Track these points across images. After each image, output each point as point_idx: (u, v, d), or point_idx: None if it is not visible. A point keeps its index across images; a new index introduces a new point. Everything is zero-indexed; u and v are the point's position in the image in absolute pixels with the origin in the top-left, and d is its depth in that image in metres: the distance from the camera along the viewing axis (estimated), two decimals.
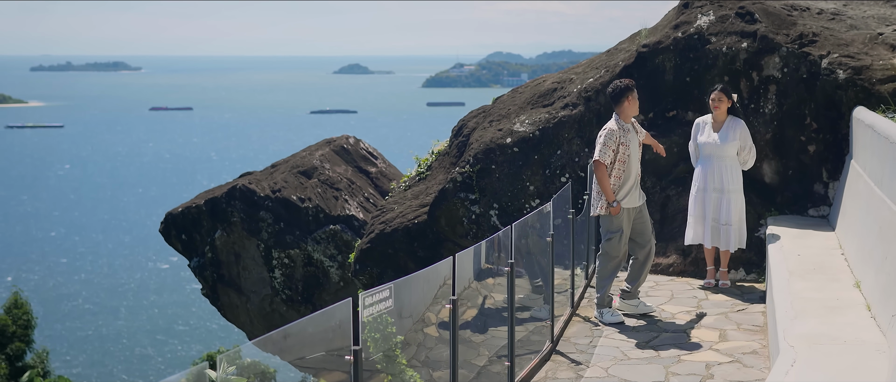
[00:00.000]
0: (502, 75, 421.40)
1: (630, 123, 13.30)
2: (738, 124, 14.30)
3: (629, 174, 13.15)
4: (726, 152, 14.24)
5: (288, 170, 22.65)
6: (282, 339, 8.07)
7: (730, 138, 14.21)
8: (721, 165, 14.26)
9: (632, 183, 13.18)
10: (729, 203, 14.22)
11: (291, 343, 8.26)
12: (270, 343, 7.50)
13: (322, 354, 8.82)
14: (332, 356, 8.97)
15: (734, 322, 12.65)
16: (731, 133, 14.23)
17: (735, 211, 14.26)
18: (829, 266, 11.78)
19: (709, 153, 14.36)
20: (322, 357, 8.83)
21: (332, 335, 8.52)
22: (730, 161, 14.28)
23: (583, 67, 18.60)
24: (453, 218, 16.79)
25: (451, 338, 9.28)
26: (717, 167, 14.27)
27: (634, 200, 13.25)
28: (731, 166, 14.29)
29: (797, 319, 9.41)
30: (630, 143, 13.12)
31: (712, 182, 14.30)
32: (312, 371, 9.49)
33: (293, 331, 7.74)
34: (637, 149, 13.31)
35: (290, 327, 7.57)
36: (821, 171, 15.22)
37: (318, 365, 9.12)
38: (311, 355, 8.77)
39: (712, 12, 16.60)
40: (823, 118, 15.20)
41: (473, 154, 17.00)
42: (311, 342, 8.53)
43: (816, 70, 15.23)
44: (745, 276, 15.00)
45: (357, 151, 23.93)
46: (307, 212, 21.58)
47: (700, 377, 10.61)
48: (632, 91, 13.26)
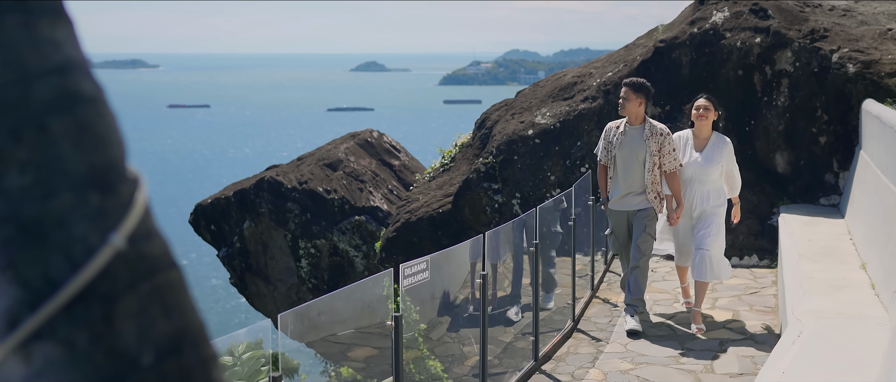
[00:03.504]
0: (519, 73, 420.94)
1: (640, 125, 12.27)
2: (724, 144, 12.24)
3: (615, 176, 12.38)
4: (710, 176, 12.18)
5: (314, 163, 23.23)
6: (316, 316, 8.67)
7: (715, 160, 12.15)
8: (703, 191, 12.21)
9: (618, 186, 12.33)
10: (706, 227, 12.09)
11: (325, 320, 8.85)
12: (305, 317, 8.07)
13: (352, 331, 9.42)
14: (362, 333, 9.58)
15: (747, 304, 13.27)
16: (716, 154, 12.19)
17: (712, 236, 12.07)
18: (838, 250, 12.36)
19: (689, 176, 12.24)
20: (352, 334, 9.43)
21: (365, 310, 9.13)
22: (713, 186, 12.23)
23: (602, 62, 19.24)
24: (477, 207, 17.42)
25: (481, 312, 9.88)
26: (698, 194, 12.23)
27: (618, 203, 12.41)
28: (714, 192, 12.24)
29: (805, 296, 9.98)
30: (618, 144, 12.25)
31: (691, 209, 12.29)
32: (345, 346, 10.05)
33: (333, 301, 8.34)
34: (631, 154, 12.22)
35: (334, 295, 8.18)
36: (831, 161, 15.82)
37: (350, 341, 9.70)
38: (342, 331, 9.37)
39: (727, 8, 17.21)
40: (834, 111, 15.80)
41: (496, 145, 17.64)
42: (345, 316, 9.10)
43: (827, 64, 15.83)
44: (759, 262, 15.60)
45: (381, 144, 24.51)
46: (333, 203, 22.12)
47: (714, 352, 11.24)
48: (623, 88, 12.47)
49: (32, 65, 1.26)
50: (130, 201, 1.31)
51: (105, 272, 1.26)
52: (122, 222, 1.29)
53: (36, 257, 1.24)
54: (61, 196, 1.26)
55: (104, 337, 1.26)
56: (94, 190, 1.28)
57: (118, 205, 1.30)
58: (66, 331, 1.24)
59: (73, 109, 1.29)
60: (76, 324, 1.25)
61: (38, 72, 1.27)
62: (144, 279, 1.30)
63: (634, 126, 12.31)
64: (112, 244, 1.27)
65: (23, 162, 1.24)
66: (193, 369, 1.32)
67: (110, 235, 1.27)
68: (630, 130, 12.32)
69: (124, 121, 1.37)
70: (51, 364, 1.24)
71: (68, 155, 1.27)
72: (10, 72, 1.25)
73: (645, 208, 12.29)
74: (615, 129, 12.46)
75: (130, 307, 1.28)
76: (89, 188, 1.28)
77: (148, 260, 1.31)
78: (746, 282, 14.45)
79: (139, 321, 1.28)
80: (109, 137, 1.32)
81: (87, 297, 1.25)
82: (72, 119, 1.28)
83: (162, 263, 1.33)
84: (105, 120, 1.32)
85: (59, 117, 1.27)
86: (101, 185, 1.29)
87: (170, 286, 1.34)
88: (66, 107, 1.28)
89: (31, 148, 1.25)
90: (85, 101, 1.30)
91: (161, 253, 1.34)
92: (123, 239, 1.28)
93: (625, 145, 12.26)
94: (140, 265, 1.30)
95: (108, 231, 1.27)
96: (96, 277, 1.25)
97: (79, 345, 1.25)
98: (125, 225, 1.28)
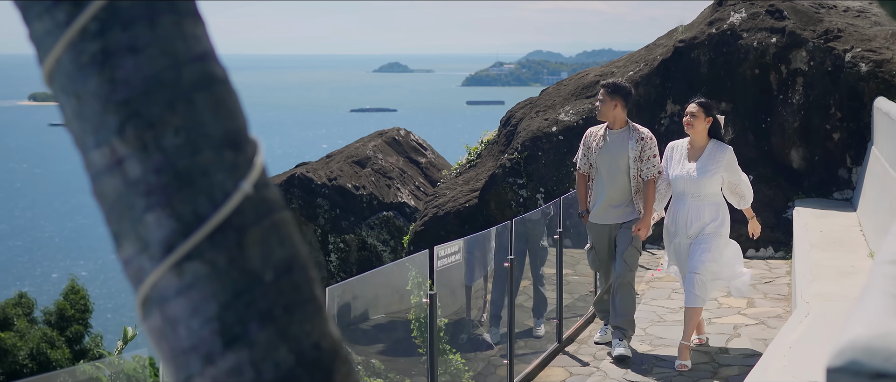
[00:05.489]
0: (542, 74, 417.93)
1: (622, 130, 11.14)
2: (722, 153, 10.71)
3: (596, 186, 11.29)
4: (704, 189, 10.66)
5: (343, 160, 23.65)
6: (352, 299, 9.26)
7: (710, 171, 10.63)
8: (697, 206, 10.68)
9: (599, 197, 11.21)
10: (702, 251, 10.62)
11: (358, 304, 9.40)
12: (349, 293, 8.67)
13: (382, 315, 9.99)
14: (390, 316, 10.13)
15: (761, 292, 13.82)
16: (711, 165, 10.69)
17: (707, 261, 10.61)
18: (848, 240, 12.92)
19: (682, 190, 10.78)
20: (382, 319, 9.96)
21: (396, 296, 9.69)
22: (709, 201, 10.70)
23: (624, 61, 19.81)
24: (502, 202, 18.04)
25: (510, 294, 10.50)
26: (693, 209, 10.69)
27: (599, 216, 11.25)
28: (710, 207, 10.70)
29: (814, 282, 10.51)
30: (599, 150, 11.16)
31: (686, 227, 10.78)
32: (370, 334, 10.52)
33: (372, 279, 8.96)
34: (612, 162, 11.10)
35: (374, 272, 8.82)
36: (845, 157, 16.39)
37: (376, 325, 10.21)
38: (374, 315, 9.92)
39: (744, 10, 17.80)
40: (847, 108, 16.39)
41: (521, 142, 18.27)
42: (375, 302, 9.65)
43: (841, 63, 16.41)
44: (774, 253, 16.15)
45: (408, 142, 24.95)
46: (362, 199, 22.48)
47: (728, 336, 11.83)
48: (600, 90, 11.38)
49: (182, 54, 1.66)
50: (253, 158, 1.71)
51: (237, 210, 1.66)
52: (248, 173, 1.68)
53: (187, 198, 1.64)
54: (205, 153, 1.65)
55: (237, 259, 1.65)
56: (228, 149, 1.67)
57: (245, 160, 1.69)
58: (210, 254, 1.64)
59: (212, 87, 1.68)
60: (217, 249, 1.64)
61: (185, 59, 1.66)
62: (265, 216, 1.69)
63: (616, 131, 11.15)
64: (242, 189, 1.67)
65: (177, 127, 1.64)
66: (301, 285, 1.72)
67: (241, 182, 1.67)
68: (611, 135, 11.16)
69: None
70: (198, 279, 1.64)
71: (209, 122, 1.66)
72: (166, 59, 1.64)
73: (630, 220, 11.14)
74: (595, 134, 11.32)
75: (256, 237, 1.67)
76: (225, 147, 1.67)
77: (267, 202, 1.71)
78: (762, 272, 14.97)
79: (262, 248, 1.67)
80: (236, 110, 1.72)
81: (224, 228, 1.65)
82: (211, 95, 1.68)
83: (277, 205, 1.73)
84: (232, 96, 1.72)
85: (201, 93, 1.67)
86: (233, 145, 1.68)
87: (283, 222, 1.73)
88: (206, 85, 1.67)
89: (183, 116, 1.64)
90: (219, 81, 1.70)
91: (276, 198, 1.75)
92: (250, 186, 1.68)
93: (605, 151, 11.14)
94: (262, 205, 1.69)
95: (239, 180, 1.67)
96: (231, 213, 1.65)
97: (219, 264, 1.64)
98: (251, 175, 1.69)
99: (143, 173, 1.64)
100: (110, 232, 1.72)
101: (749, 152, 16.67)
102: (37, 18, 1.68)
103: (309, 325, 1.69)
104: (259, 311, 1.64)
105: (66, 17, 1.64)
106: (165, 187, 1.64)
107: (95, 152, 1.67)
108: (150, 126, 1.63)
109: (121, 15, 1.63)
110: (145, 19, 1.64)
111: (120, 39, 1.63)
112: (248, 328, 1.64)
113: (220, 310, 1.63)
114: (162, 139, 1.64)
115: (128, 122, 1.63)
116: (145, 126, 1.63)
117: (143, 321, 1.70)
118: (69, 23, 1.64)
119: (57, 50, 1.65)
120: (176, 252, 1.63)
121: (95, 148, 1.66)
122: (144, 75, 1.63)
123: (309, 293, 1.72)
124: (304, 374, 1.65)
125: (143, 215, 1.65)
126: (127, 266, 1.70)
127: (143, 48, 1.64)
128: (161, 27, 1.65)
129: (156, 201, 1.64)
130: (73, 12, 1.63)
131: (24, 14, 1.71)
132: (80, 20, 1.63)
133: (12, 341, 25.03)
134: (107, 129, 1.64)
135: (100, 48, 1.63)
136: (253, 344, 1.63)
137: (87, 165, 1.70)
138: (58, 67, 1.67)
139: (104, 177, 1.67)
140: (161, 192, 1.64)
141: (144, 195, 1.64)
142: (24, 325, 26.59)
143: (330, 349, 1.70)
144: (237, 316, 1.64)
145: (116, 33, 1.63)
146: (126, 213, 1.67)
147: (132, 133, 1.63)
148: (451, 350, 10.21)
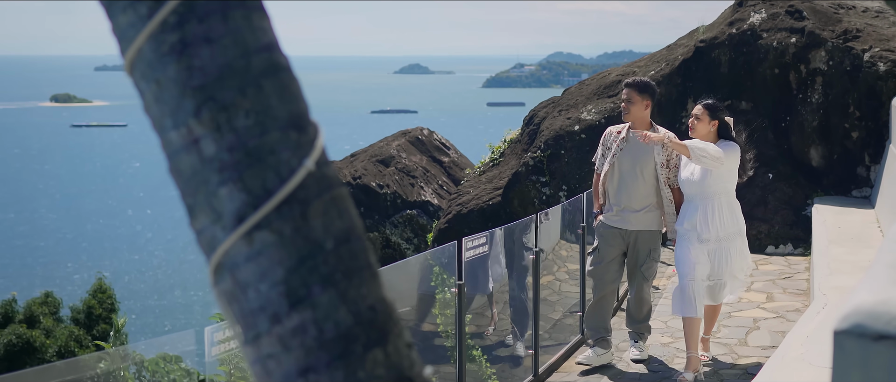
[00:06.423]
0: (563, 75, 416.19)
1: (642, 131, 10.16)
2: (729, 151, 10.02)
3: (612, 188, 10.59)
4: (710, 190, 10.08)
5: (367, 159, 23.80)
6: None
7: (712, 171, 10.02)
8: (709, 207, 10.09)
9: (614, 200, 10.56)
10: (727, 253, 10.19)
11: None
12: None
13: (409, 308, 10.15)
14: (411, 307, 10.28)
15: (780, 287, 13.95)
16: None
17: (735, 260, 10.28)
18: (865, 236, 13.04)
19: (691, 194, 10.21)
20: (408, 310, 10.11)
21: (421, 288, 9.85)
22: (723, 200, 10.14)
23: (645, 61, 19.97)
24: (525, 199, 18.22)
25: (534, 286, 10.66)
26: (706, 211, 10.08)
27: (613, 219, 10.60)
28: (725, 205, 10.15)
29: (832, 275, 10.64)
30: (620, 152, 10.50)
31: (704, 230, 10.09)
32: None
33: (403, 267, 9.14)
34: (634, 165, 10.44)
35: (403, 262, 9.01)
36: (863, 155, 16.52)
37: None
38: (401, 308, 10.09)
39: (764, 10, 17.95)
40: (866, 107, 16.52)
41: (544, 141, 18.46)
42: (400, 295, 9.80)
43: (859, 63, 16.54)
44: (793, 250, 16.26)
45: (431, 141, 25.08)
46: (385, 198, 22.60)
47: (747, 328, 11.99)
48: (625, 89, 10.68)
49: (251, 44, 1.81)
50: (315, 138, 1.86)
51: (301, 184, 1.81)
52: (310, 152, 1.83)
53: (257, 173, 1.79)
54: (272, 133, 1.80)
55: (302, 229, 1.80)
56: (293, 130, 1.83)
57: (308, 140, 1.84)
58: (277, 224, 1.79)
59: (277, 74, 1.83)
60: (283, 219, 1.79)
61: (254, 49, 1.81)
62: (326, 190, 1.84)
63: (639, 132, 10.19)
64: (306, 166, 1.82)
65: (247, 109, 1.79)
66: (358, 253, 1.88)
67: (304, 160, 1.82)
68: (635, 137, 10.42)
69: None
70: (266, 247, 1.79)
71: (276, 105, 1.82)
72: (237, 49, 1.79)
73: (650, 230, 10.60)
74: (616, 134, 10.65)
75: (318, 209, 1.82)
76: (289, 128, 1.82)
77: (328, 178, 1.85)
78: (781, 268, 15.11)
79: (323, 219, 1.82)
80: (298, 95, 1.87)
81: (290, 201, 1.80)
82: (277, 81, 1.82)
83: (336, 181, 1.86)
84: (295, 83, 1.87)
85: (268, 80, 1.81)
86: (297, 126, 1.83)
87: (342, 196, 1.87)
88: (272, 73, 1.82)
89: (252, 100, 1.80)
90: (283, 69, 1.85)
91: (334, 175, 1.87)
92: (313, 163, 1.83)
93: (627, 153, 10.44)
94: (323, 181, 1.84)
95: (303, 157, 1.82)
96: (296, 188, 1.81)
97: (285, 234, 1.79)
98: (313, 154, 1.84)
99: (216, 151, 1.80)
100: (185, 205, 1.87)
101: (769, 150, 16.84)
102: (121, 12, 1.84)
103: (365, 289, 1.84)
104: (321, 275, 1.80)
105: (147, 10, 1.81)
106: (237, 164, 1.80)
107: (173, 132, 1.83)
108: (223, 109, 1.80)
109: (197, 9, 1.80)
110: (219, 13, 1.81)
111: (196, 31, 1.80)
112: (311, 290, 1.79)
113: (286, 274, 1.79)
114: (234, 121, 1.80)
115: (203, 105, 1.79)
116: (219, 109, 1.80)
117: (215, 286, 1.86)
118: (151, 16, 1.81)
119: (139, 41, 1.82)
120: (246, 223, 1.79)
121: (173, 129, 1.83)
122: (218, 63, 1.80)
123: (365, 261, 1.87)
124: (361, 333, 1.81)
125: (216, 189, 1.81)
126: (200, 236, 1.86)
127: (216, 39, 1.80)
128: (232, 20, 1.81)
129: (228, 176, 1.80)
130: (154, 7, 1.80)
131: (109, 9, 1.87)
132: (161, 14, 1.80)
133: (40, 339, 25.25)
134: (184, 112, 1.81)
135: (178, 39, 1.80)
136: (316, 305, 1.79)
137: (164, 144, 1.86)
138: (139, 56, 1.83)
139: (181, 155, 1.84)
140: (233, 168, 1.80)
141: (218, 171, 1.81)
142: (51, 323, 26.79)
143: (384, 311, 1.85)
144: (301, 280, 1.79)
145: (193, 25, 1.79)
146: (201, 187, 1.82)
147: (207, 115, 1.80)
148: (474, 346, 10.33)
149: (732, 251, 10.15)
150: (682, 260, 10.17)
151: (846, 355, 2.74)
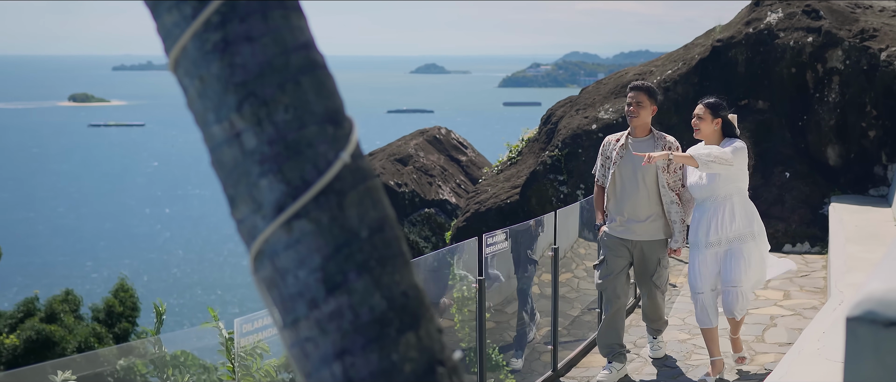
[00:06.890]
0: (579, 75, 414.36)
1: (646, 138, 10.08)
2: (737, 150, 9.62)
3: (614, 198, 10.19)
4: (722, 192, 9.71)
5: (385, 158, 23.84)
6: None
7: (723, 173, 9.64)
8: (721, 210, 9.71)
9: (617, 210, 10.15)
10: (737, 256, 9.77)
11: None
12: None
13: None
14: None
15: (798, 285, 13.99)
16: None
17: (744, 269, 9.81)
18: (882, 234, 13.08)
19: (701, 198, 9.85)
20: None
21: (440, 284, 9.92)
22: (736, 200, 9.75)
23: (662, 61, 20.02)
24: (543, 197, 18.29)
25: (553, 282, 10.74)
26: (715, 215, 9.72)
27: (618, 230, 10.21)
28: (738, 206, 9.74)
29: (848, 273, 10.69)
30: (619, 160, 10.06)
31: (714, 233, 9.76)
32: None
33: (422, 263, 9.23)
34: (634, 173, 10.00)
35: (423, 258, 9.09)
36: (880, 154, 16.55)
37: None
38: None
39: (781, 10, 18.00)
40: (882, 106, 16.55)
41: (562, 139, 18.54)
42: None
43: (876, 62, 16.58)
44: (810, 249, 16.31)
45: (448, 141, 25.12)
46: (404, 196, 22.63)
47: (764, 326, 12.05)
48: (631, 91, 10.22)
49: (289, 43, 1.89)
50: (350, 132, 1.94)
51: (338, 176, 1.89)
52: (346, 145, 1.91)
53: (295, 165, 1.87)
54: (310, 127, 1.88)
55: (338, 218, 1.87)
56: (329, 124, 1.91)
57: (343, 134, 1.92)
58: (315, 213, 1.87)
59: (314, 71, 1.91)
60: (321, 209, 1.87)
61: (293, 47, 1.89)
62: (361, 182, 1.91)
63: (639, 139, 10.08)
64: (342, 158, 1.90)
65: (286, 105, 1.87)
66: (391, 242, 1.93)
67: (340, 153, 1.90)
68: (635, 144, 10.06)
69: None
70: (304, 235, 1.87)
71: (313, 101, 1.89)
72: (277, 47, 1.88)
73: (656, 239, 10.18)
74: (615, 142, 10.23)
75: (354, 200, 1.89)
76: (326, 123, 1.90)
77: (362, 170, 1.93)
78: (798, 266, 15.12)
79: (358, 209, 1.90)
80: (334, 91, 1.95)
81: (327, 192, 1.88)
82: (314, 78, 1.90)
83: (370, 174, 1.94)
84: (331, 80, 1.95)
85: (306, 76, 1.89)
86: (333, 121, 1.91)
87: (375, 188, 1.95)
88: (310, 69, 1.90)
89: (291, 96, 1.88)
90: (320, 66, 1.92)
91: (368, 168, 1.95)
92: (348, 156, 1.91)
93: (627, 161, 10.02)
94: (358, 173, 1.92)
95: (339, 150, 1.90)
96: (332, 179, 1.88)
97: (322, 223, 1.87)
98: (348, 147, 1.92)
99: (257, 144, 1.88)
100: (226, 196, 1.95)
101: (786, 149, 16.90)
102: (166, 12, 1.93)
103: (398, 276, 1.92)
104: (356, 263, 1.88)
105: (192, 11, 1.89)
106: (277, 156, 1.88)
107: (216, 126, 1.92)
108: (263, 104, 1.88)
109: (239, 9, 1.89)
110: (259, 13, 1.89)
111: (238, 30, 1.88)
112: (348, 277, 1.87)
113: (324, 262, 1.87)
114: (274, 115, 1.88)
115: (245, 101, 1.88)
116: (260, 104, 1.88)
117: (255, 273, 1.94)
118: (195, 16, 1.90)
119: (184, 39, 1.91)
120: (286, 212, 1.87)
121: (216, 123, 1.92)
122: (259, 61, 1.88)
123: (398, 249, 1.95)
124: (394, 317, 1.89)
125: (257, 180, 1.89)
126: (241, 225, 1.94)
127: (257, 38, 1.88)
128: (272, 20, 1.89)
129: (268, 168, 1.88)
130: (198, 7, 1.89)
131: (154, 10, 1.96)
132: (205, 14, 1.89)
133: (60, 334, 25.35)
134: (226, 107, 1.90)
135: (221, 37, 1.88)
136: (352, 291, 1.87)
137: (206, 138, 1.95)
138: (183, 54, 1.92)
139: (223, 148, 1.92)
140: (273, 160, 1.88)
141: (259, 163, 1.88)
142: (71, 320, 26.89)
143: (416, 297, 1.94)
144: (338, 267, 1.87)
145: (235, 25, 1.88)
146: (242, 179, 1.91)
147: (248, 110, 1.88)
148: (491, 345, 10.38)
149: (743, 254, 9.74)
150: (691, 273, 10.01)
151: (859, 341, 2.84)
